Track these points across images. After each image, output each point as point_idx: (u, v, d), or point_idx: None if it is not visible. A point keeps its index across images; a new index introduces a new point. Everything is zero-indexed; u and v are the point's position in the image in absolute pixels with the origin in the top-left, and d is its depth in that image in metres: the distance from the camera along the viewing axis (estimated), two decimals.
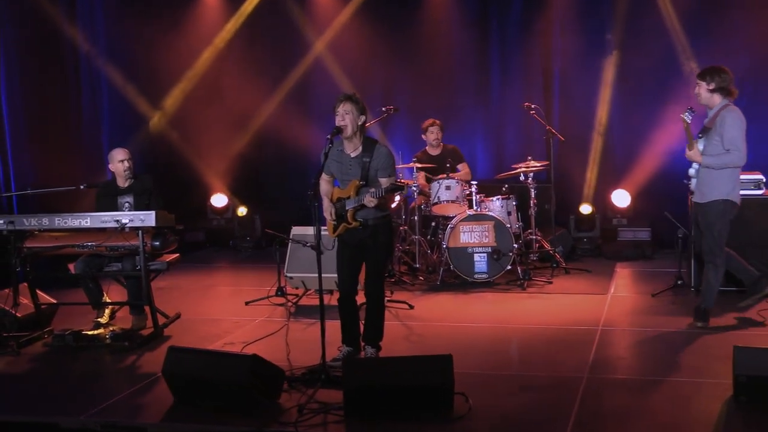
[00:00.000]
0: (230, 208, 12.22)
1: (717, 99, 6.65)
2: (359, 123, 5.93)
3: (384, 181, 5.93)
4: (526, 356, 6.56)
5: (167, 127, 12.02)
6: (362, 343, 6.24)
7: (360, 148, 6.01)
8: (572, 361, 6.17)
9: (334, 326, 6.16)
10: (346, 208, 6.02)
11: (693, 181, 6.90)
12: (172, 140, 12.08)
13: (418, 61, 11.50)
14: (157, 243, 7.07)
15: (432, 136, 9.70)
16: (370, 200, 5.82)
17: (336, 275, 6.24)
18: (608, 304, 7.97)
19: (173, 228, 7.26)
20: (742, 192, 6.94)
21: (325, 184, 6.24)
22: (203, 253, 11.83)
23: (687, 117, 6.62)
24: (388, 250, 6.49)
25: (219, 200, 12.25)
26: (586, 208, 10.80)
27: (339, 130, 5.90)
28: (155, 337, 7.08)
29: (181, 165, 12.07)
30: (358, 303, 6.28)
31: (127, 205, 7.41)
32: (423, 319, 7.57)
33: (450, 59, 11.48)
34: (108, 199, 7.48)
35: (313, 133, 11.39)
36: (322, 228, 5.92)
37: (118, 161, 7.45)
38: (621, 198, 10.77)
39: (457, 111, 11.35)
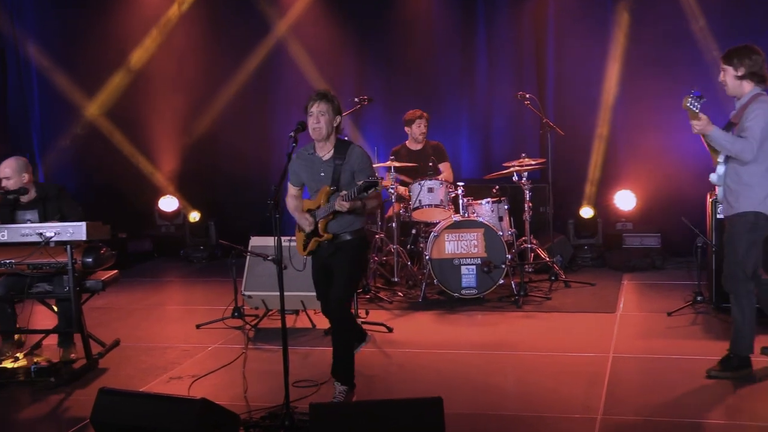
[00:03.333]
0: (181, 213, 12.00)
1: (747, 87, 6.08)
2: (334, 125, 5.74)
3: None
4: (526, 391, 6.10)
5: (106, 121, 11.63)
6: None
7: (332, 151, 5.79)
8: (582, 398, 5.76)
9: (298, 355, 5.76)
10: (317, 219, 5.77)
11: (719, 190, 6.22)
12: (112, 135, 11.78)
13: (394, 45, 11.26)
14: (90, 260, 6.68)
15: (418, 129, 9.43)
16: (341, 204, 5.56)
17: (301, 293, 6.27)
18: (618, 324, 7.62)
19: (110, 241, 6.84)
20: None
21: (292, 200, 6.03)
22: (150, 264, 11.65)
23: (693, 105, 5.96)
24: (359, 265, 6.05)
25: (168, 204, 11.98)
26: (587, 212, 10.64)
27: (303, 126, 5.64)
28: (88, 370, 6.72)
29: (123, 163, 11.83)
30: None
31: (28, 224, 6.70)
32: (403, 345, 7.21)
33: (430, 43, 11.23)
34: (4, 210, 6.92)
35: (276, 127, 11.30)
36: (289, 239, 5.64)
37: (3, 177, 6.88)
38: (625, 200, 10.53)
39: (438, 101, 11.10)
